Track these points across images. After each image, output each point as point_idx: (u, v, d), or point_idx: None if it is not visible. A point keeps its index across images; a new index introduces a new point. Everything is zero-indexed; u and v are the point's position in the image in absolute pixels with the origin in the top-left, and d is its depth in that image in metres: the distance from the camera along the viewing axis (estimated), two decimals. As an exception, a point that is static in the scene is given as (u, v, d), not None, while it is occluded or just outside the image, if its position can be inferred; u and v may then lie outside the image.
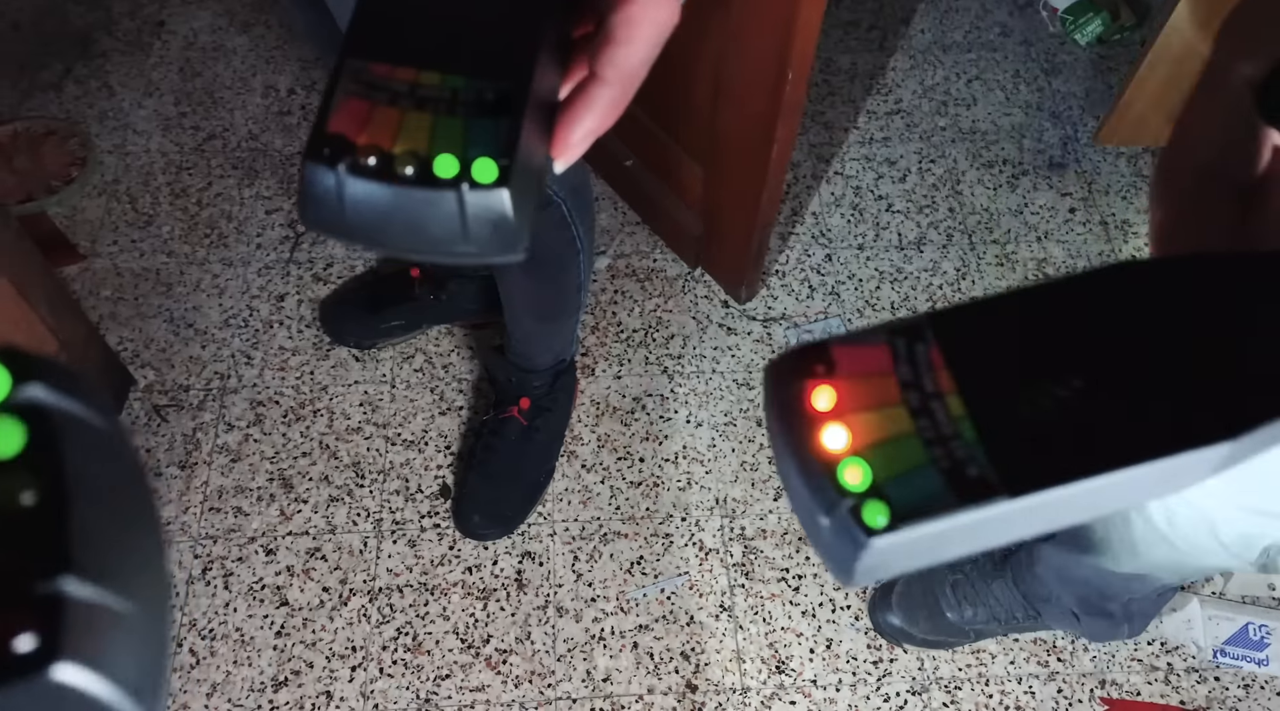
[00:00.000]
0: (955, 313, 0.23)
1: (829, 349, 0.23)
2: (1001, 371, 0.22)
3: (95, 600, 0.15)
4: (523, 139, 0.27)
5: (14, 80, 1.66)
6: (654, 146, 1.48)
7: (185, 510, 1.29)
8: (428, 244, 0.27)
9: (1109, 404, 0.22)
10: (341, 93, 0.27)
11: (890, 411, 0.22)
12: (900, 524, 0.21)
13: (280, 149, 1.63)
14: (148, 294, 1.46)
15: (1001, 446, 0.22)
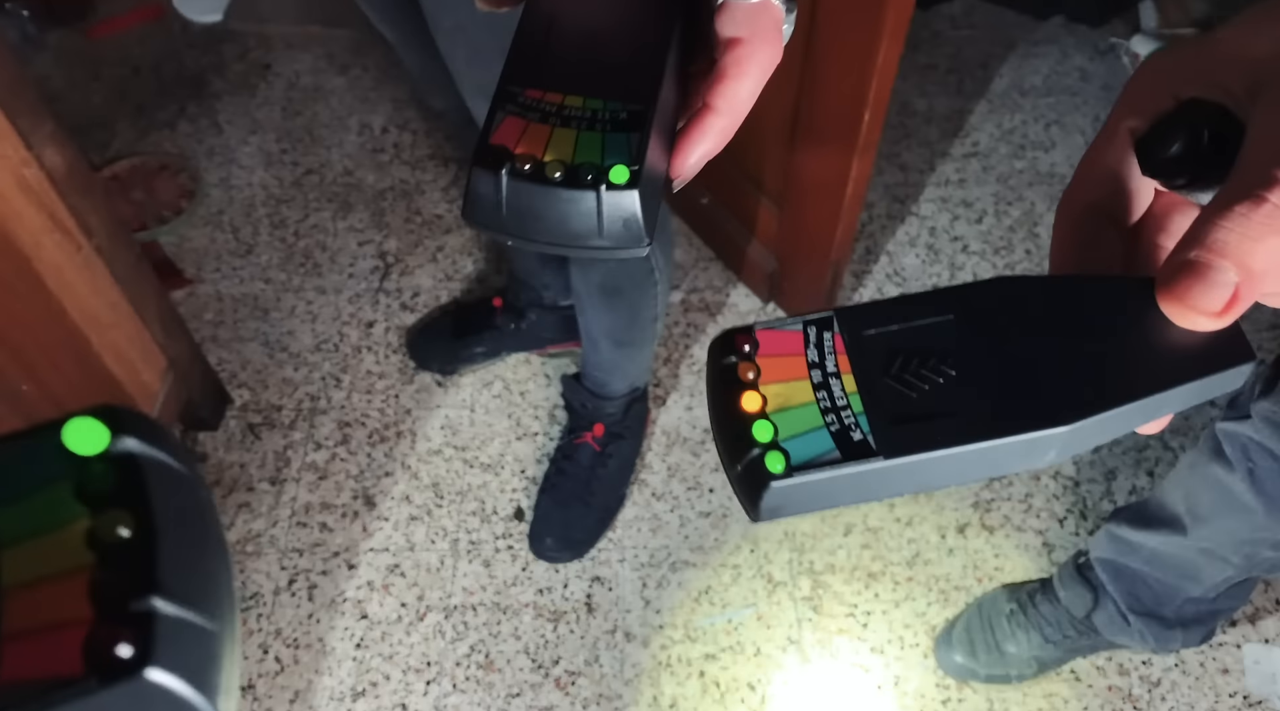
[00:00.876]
0: (857, 309, 0.28)
1: (754, 331, 0.28)
2: (889, 358, 0.28)
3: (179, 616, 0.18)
4: (649, 151, 0.32)
5: (133, 119, 1.78)
6: (729, 183, 1.52)
7: (274, 524, 1.35)
8: (569, 238, 0.32)
9: (972, 390, 0.27)
10: (501, 112, 0.32)
11: (797, 384, 0.27)
12: (794, 472, 0.26)
13: (372, 184, 1.71)
14: (246, 318, 1.55)
15: (882, 417, 0.27)
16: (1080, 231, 0.31)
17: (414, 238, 1.64)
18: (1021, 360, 0.27)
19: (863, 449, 0.26)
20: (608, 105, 0.32)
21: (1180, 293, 0.26)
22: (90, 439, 0.19)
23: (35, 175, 0.98)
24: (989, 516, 1.41)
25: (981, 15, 2.00)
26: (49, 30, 1.88)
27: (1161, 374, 0.28)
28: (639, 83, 0.33)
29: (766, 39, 0.34)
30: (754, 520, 0.28)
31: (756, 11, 0.33)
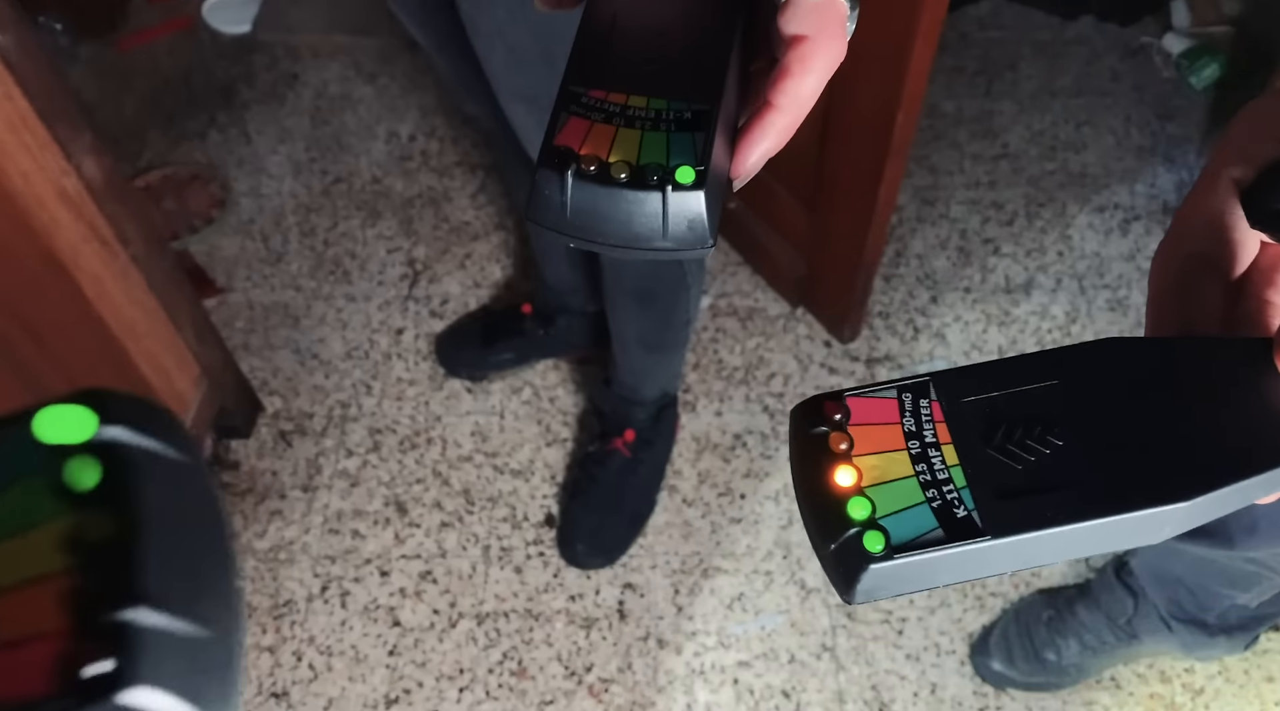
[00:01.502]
0: (956, 373, 0.27)
1: (845, 399, 0.26)
2: (992, 428, 0.26)
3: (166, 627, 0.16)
4: (714, 152, 0.32)
5: (164, 129, 1.80)
6: (758, 187, 1.51)
7: (306, 531, 1.35)
8: (633, 239, 0.31)
9: (1083, 461, 0.25)
10: (565, 113, 0.32)
11: (894, 456, 0.26)
12: (895, 553, 0.25)
13: (401, 192, 1.72)
14: (277, 326, 1.55)
15: (987, 492, 0.25)
16: (1180, 283, 0.29)
17: (442, 244, 1.64)
18: (1133, 429, 0.26)
19: (968, 527, 0.25)
20: (672, 105, 0.32)
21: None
22: (72, 427, 0.17)
23: (74, 185, 0.99)
24: (1024, 522, 1.39)
25: (1009, 16, 1.98)
26: (81, 42, 1.90)
27: None
28: (703, 81, 0.32)
29: (831, 35, 0.33)
30: (848, 602, 0.26)
31: (821, 8, 0.33)
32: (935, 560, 0.25)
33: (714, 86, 0.32)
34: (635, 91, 0.32)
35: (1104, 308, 1.57)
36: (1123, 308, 1.57)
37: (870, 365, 1.52)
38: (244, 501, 1.38)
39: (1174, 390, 0.27)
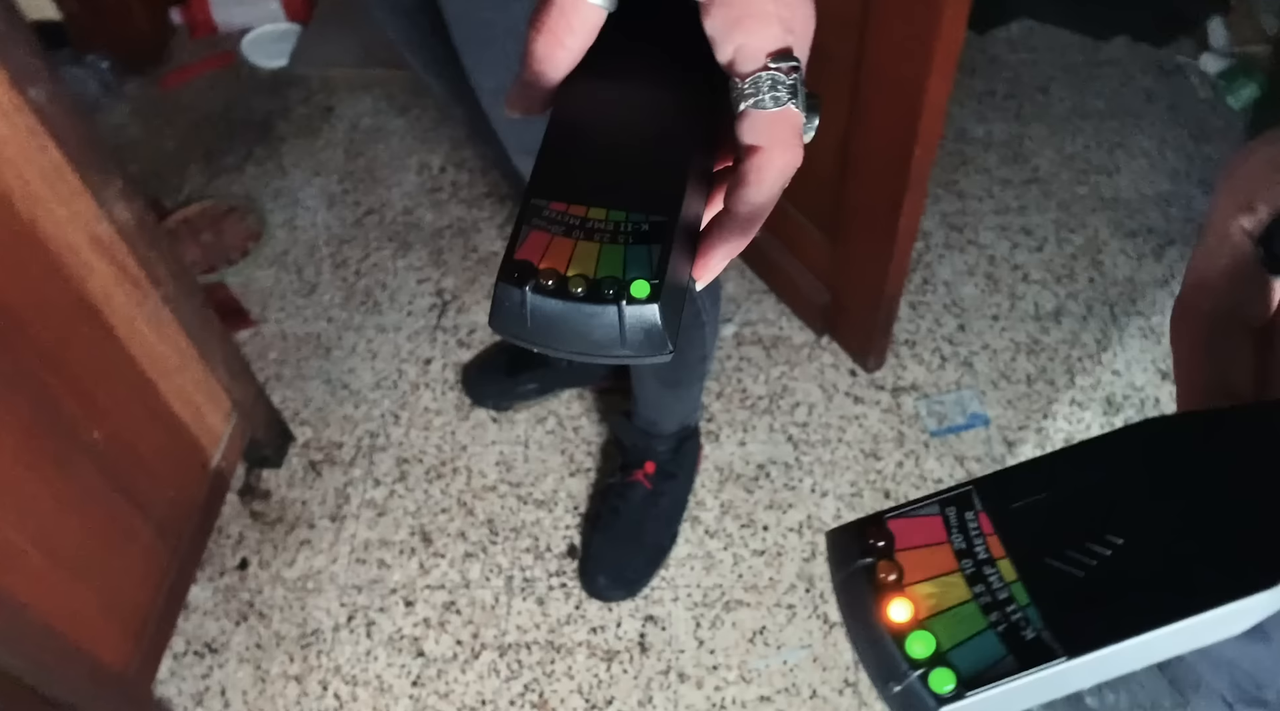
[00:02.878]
0: (998, 478, 0.25)
1: (885, 522, 0.25)
2: (1047, 534, 0.24)
3: None
4: (671, 261, 0.32)
5: (203, 164, 1.85)
6: (779, 216, 1.51)
7: (334, 561, 1.38)
8: (592, 348, 0.32)
9: (1150, 558, 0.24)
10: (526, 226, 0.33)
11: (948, 580, 0.24)
12: (966, 690, 0.23)
13: (431, 223, 1.74)
14: (309, 356, 1.59)
15: (1054, 608, 0.23)
16: (1208, 344, 0.28)
17: (470, 275, 1.67)
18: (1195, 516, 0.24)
19: (1041, 650, 0.23)
20: (630, 217, 0.32)
21: None
22: None
23: (106, 230, 1.02)
24: (1053, 555, 1.37)
25: (1041, 38, 1.97)
26: (126, 80, 1.96)
27: None
28: (661, 192, 0.33)
29: (785, 145, 0.34)
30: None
31: (774, 119, 0.33)
32: (1011, 691, 0.23)
33: (672, 197, 0.33)
34: (595, 203, 0.33)
35: (1136, 335, 1.55)
36: (1155, 335, 1.54)
37: (896, 394, 1.51)
38: (274, 530, 1.41)
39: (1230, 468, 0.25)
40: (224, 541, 1.39)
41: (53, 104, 0.92)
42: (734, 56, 0.34)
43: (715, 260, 0.34)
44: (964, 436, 1.49)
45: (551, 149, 0.34)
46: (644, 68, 0.35)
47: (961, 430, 1.49)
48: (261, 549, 1.39)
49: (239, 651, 1.31)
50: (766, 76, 0.33)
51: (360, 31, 2.00)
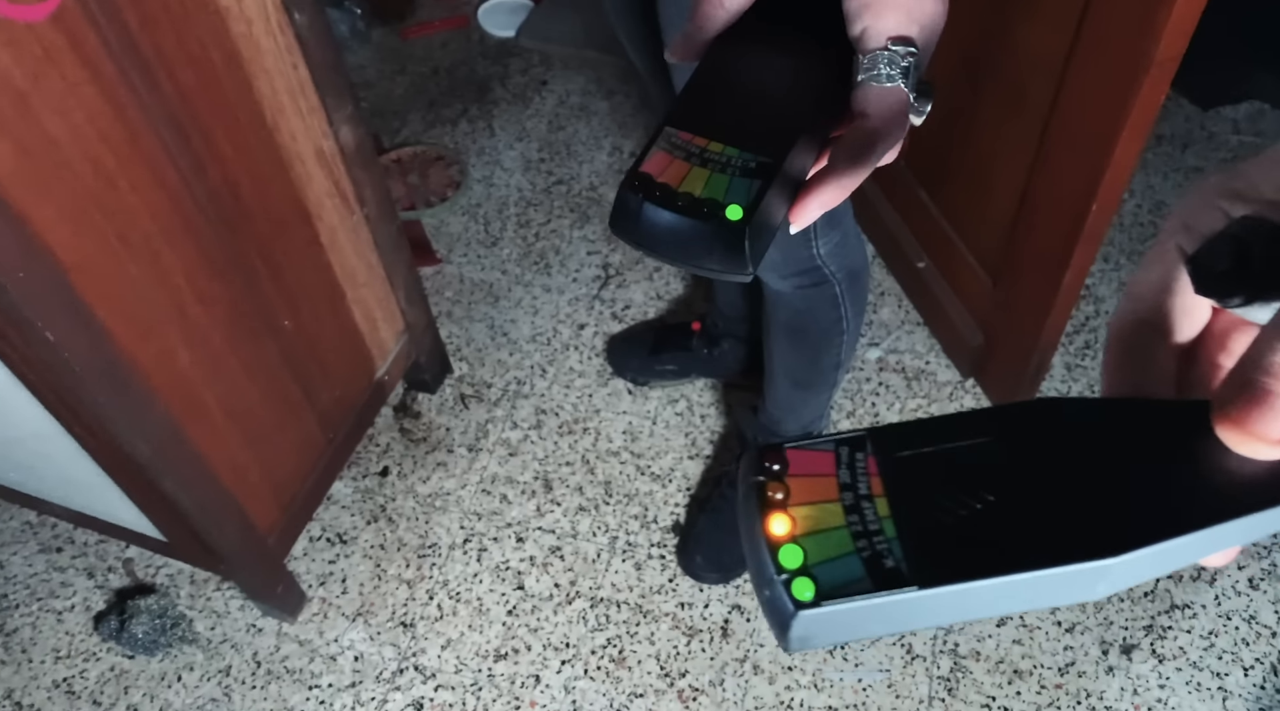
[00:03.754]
0: (893, 428, 0.28)
1: (784, 450, 0.28)
2: (925, 482, 0.27)
3: None
4: (766, 198, 0.37)
5: (423, 113, 2.02)
6: (948, 251, 1.52)
7: (463, 486, 1.49)
8: (685, 256, 0.38)
9: (1013, 517, 0.26)
10: (655, 147, 0.39)
11: (827, 507, 0.26)
12: (823, 600, 0.25)
13: (612, 201, 1.84)
14: (479, 301, 1.71)
15: (916, 544, 0.26)
16: (1132, 350, 0.30)
17: (636, 256, 1.75)
18: (1068, 486, 0.26)
19: (895, 577, 0.25)
20: (742, 154, 0.38)
21: (1239, 418, 0.25)
22: None
23: (330, 147, 1.16)
24: (1162, 644, 1.32)
25: (1270, 122, 1.87)
26: (373, 27, 2.16)
27: (1221, 505, 0.26)
28: (774, 140, 0.38)
29: (889, 117, 0.39)
30: (785, 651, 0.26)
31: (884, 93, 0.38)
32: (863, 608, 0.25)
33: (782, 144, 0.38)
34: (715, 138, 0.38)
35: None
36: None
37: (1030, 449, 1.49)
38: (417, 448, 1.54)
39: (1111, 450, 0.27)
40: (372, 448, 1.53)
41: (311, 30, 1.06)
42: (860, 34, 0.39)
43: (810, 208, 0.39)
44: (1093, 505, 1.45)
45: (692, 89, 0.40)
46: (785, 35, 0.41)
47: (1092, 498, 1.45)
48: (403, 462, 1.52)
49: (364, 547, 1.44)
50: (884, 55, 0.38)
51: (584, 15, 2.12)
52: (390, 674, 1.33)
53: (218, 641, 1.36)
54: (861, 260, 1.11)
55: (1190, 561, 0.27)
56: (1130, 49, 1.03)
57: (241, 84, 1.01)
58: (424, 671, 1.33)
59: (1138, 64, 1.03)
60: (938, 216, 1.52)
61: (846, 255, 1.05)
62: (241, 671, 1.34)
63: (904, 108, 0.39)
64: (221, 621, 1.38)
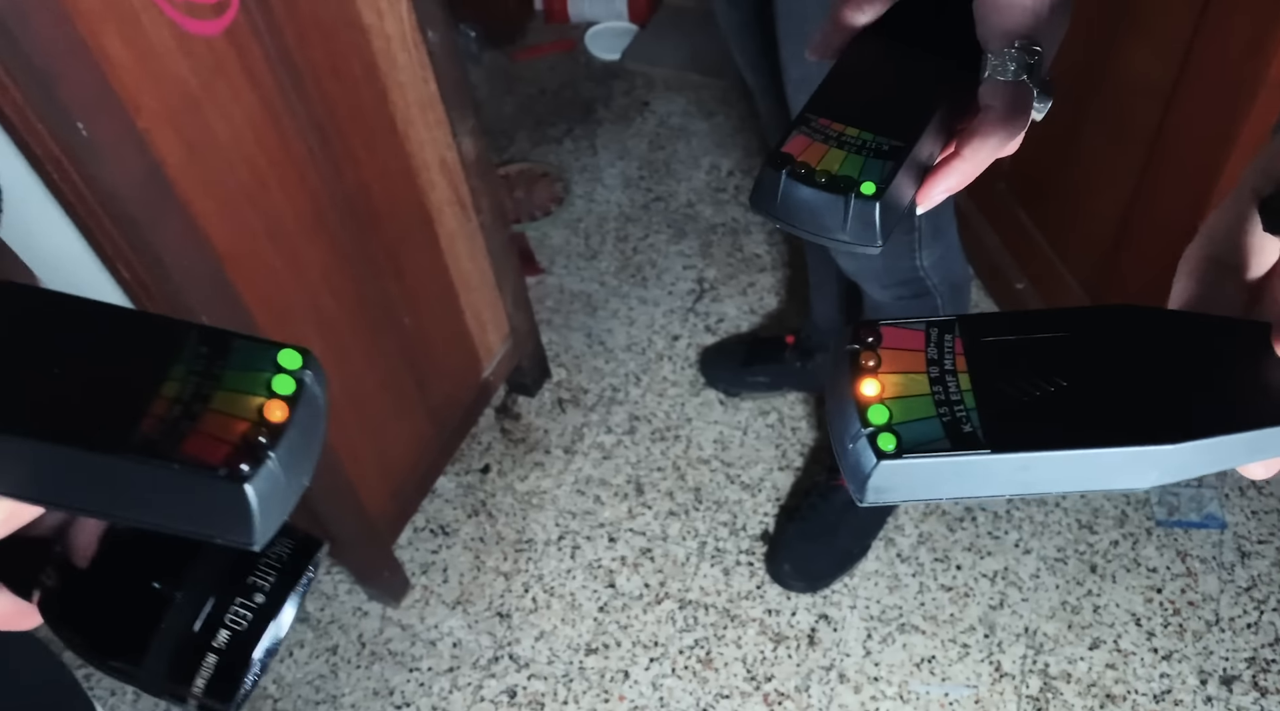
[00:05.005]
0: (981, 317, 0.30)
1: (878, 325, 0.30)
2: (1006, 364, 0.29)
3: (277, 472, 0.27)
4: (897, 177, 0.41)
5: (530, 132, 2.11)
6: (1047, 273, 1.52)
7: (559, 486, 1.55)
8: (820, 229, 0.42)
9: (1081, 402, 0.29)
10: (796, 130, 0.43)
11: (915, 377, 0.29)
12: (904, 453, 0.28)
13: (708, 218, 1.89)
14: (578, 311, 1.78)
15: (992, 415, 0.28)
16: (1201, 283, 0.33)
17: (731, 270, 1.80)
18: (1132, 381, 0.29)
19: (971, 440, 0.28)
20: (876, 138, 0.42)
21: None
22: (291, 360, 0.29)
23: (453, 158, 1.24)
24: (1265, 676, 1.29)
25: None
26: (485, 50, 2.27)
27: (1270, 410, 0.28)
28: (905, 126, 0.42)
29: (1011, 110, 0.42)
30: (860, 501, 0.29)
31: (1007, 87, 0.42)
32: (940, 465, 0.28)
33: (913, 132, 0.42)
34: (851, 123, 0.43)
35: None
36: None
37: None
38: (516, 448, 1.60)
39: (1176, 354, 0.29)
40: (475, 445, 1.60)
41: (442, 47, 1.14)
42: (988, 34, 0.42)
43: (935, 190, 0.43)
44: (1193, 534, 1.43)
45: (832, 80, 0.45)
46: (920, 35, 0.45)
47: (1192, 527, 1.43)
48: (503, 460, 1.59)
49: (465, 539, 1.50)
50: (1010, 53, 0.42)
51: (688, 39, 2.19)
52: (486, 661, 1.39)
53: (326, 622, 1.44)
54: (963, 274, 1.13)
55: (1237, 463, 0.30)
56: (1241, 71, 1.03)
57: (378, 95, 1.09)
58: (518, 660, 1.38)
59: (1250, 85, 1.03)
60: (1038, 237, 1.53)
61: (949, 268, 1.08)
62: (348, 651, 1.41)
63: (1026, 102, 0.43)
64: (330, 603, 1.45)
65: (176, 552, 0.33)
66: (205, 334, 0.29)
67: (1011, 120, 0.43)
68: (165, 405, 0.28)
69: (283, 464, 0.28)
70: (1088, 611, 1.37)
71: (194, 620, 0.32)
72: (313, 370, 0.29)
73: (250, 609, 0.33)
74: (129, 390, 0.28)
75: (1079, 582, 1.40)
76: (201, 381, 0.28)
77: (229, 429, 0.27)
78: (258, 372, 0.29)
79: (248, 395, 0.28)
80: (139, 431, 0.27)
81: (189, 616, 0.32)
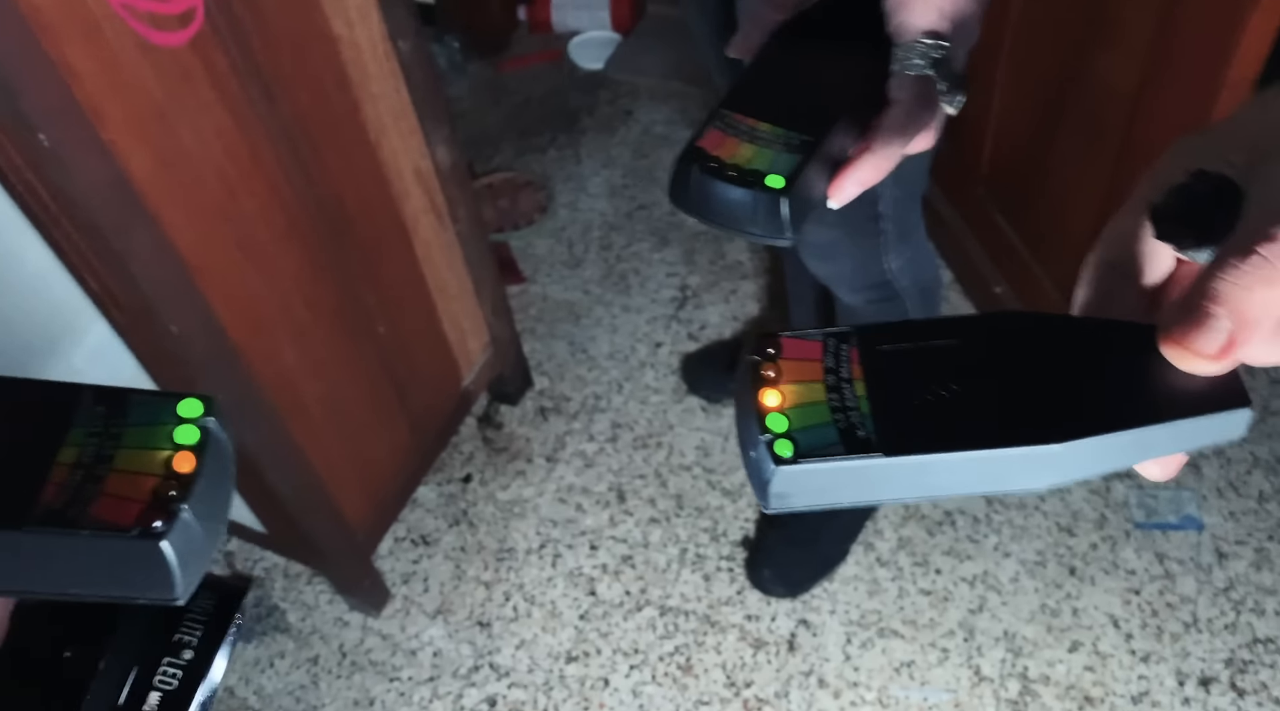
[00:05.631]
0: (876, 327, 0.32)
1: (779, 337, 0.31)
2: (899, 372, 0.30)
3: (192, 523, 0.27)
4: (805, 171, 0.42)
5: (515, 141, 2.12)
6: (1025, 277, 1.53)
7: (540, 494, 1.55)
8: (731, 221, 0.42)
9: (975, 405, 0.30)
10: (710, 125, 0.44)
11: (812, 385, 0.30)
12: (800, 459, 0.29)
13: (691, 226, 1.90)
14: (560, 319, 1.78)
15: (886, 421, 0.29)
16: (1098, 290, 0.34)
17: (714, 278, 1.80)
18: (1023, 384, 0.30)
19: (865, 444, 0.29)
20: (787, 133, 0.43)
21: (1179, 336, 0.28)
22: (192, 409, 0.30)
23: (427, 167, 1.24)
24: (1243, 677, 1.29)
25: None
26: (470, 60, 2.28)
27: (1157, 409, 0.29)
28: (816, 121, 0.43)
29: (919, 105, 0.43)
30: (765, 508, 0.29)
31: (914, 81, 0.43)
32: (835, 470, 0.29)
33: (823, 125, 0.43)
34: (764, 119, 0.43)
35: (1402, 478, 1.42)
36: None
37: (1108, 477, 1.48)
38: (498, 457, 1.60)
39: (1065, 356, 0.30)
40: (456, 455, 1.61)
41: (413, 56, 1.15)
42: (895, 29, 0.43)
43: (847, 183, 0.43)
44: (1171, 536, 1.43)
45: (747, 76, 0.46)
46: (832, 33, 0.46)
47: (1170, 529, 1.44)
48: (485, 470, 1.59)
49: (446, 549, 1.50)
50: (916, 47, 0.42)
51: (671, 49, 2.20)
52: (467, 670, 1.39)
53: (307, 632, 1.44)
54: (933, 276, 1.13)
55: (1130, 462, 0.30)
56: (1204, 72, 1.04)
57: (349, 105, 1.10)
58: (498, 669, 1.38)
59: (1212, 87, 1.04)
60: (1016, 242, 1.53)
61: (918, 270, 1.08)
62: (329, 661, 1.41)
63: (932, 95, 0.43)
64: (311, 613, 1.46)
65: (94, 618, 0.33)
66: (100, 393, 0.29)
67: (918, 113, 0.43)
68: (66, 471, 0.27)
69: (197, 514, 0.28)
70: (1067, 614, 1.37)
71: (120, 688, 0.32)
72: (215, 416, 0.29)
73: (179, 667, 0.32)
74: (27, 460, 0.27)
75: (1058, 585, 1.40)
76: (102, 442, 0.28)
77: (136, 487, 0.27)
78: (159, 425, 0.29)
79: (152, 450, 0.28)
80: (42, 502, 0.27)
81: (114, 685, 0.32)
